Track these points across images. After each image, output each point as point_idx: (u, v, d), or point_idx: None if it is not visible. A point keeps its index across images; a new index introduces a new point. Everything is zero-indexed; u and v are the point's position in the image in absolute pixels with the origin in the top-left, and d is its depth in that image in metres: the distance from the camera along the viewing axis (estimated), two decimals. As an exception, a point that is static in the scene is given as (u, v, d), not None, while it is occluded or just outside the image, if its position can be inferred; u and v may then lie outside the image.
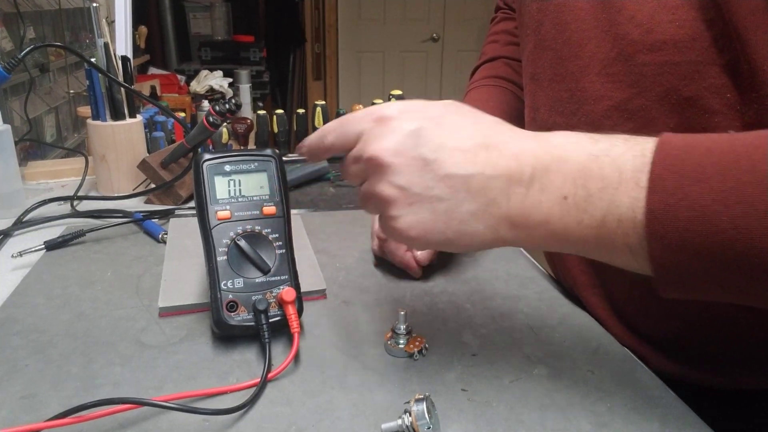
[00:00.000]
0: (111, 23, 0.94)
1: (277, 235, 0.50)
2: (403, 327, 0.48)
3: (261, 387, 0.43)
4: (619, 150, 0.35)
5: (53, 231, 0.72)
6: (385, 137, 0.38)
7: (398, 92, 1.05)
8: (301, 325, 0.48)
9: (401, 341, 0.48)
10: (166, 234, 0.69)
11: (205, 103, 2.19)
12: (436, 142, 0.37)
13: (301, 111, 1.07)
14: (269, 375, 0.44)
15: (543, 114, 0.55)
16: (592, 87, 0.48)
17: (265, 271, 0.49)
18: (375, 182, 0.39)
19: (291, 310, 0.47)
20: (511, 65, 0.74)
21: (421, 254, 0.60)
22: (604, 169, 0.34)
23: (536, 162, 0.36)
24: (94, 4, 0.86)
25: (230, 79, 2.67)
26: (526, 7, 0.56)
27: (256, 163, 0.51)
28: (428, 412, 0.38)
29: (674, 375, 0.49)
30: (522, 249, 0.70)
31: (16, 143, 0.81)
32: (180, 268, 0.60)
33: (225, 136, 1.01)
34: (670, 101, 0.44)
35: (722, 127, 0.42)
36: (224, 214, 0.49)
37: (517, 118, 0.64)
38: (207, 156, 0.50)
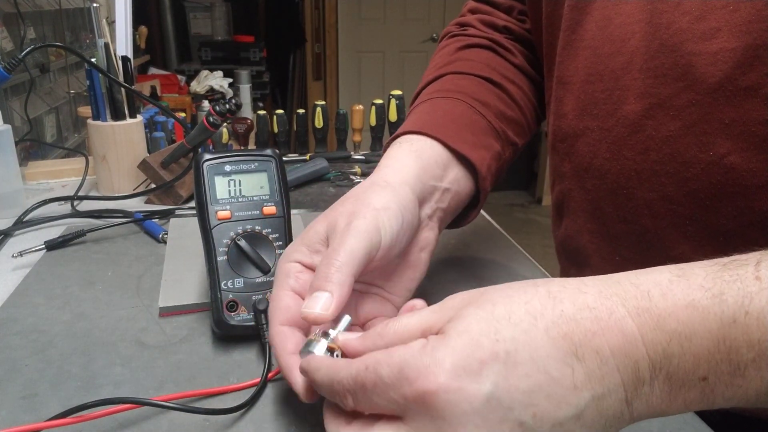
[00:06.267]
0: (111, 23, 0.94)
1: (277, 235, 0.50)
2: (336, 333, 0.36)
3: (261, 387, 0.43)
4: (761, 300, 0.26)
5: (53, 231, 0.72)
6: (451, 427, 0.27)
7: (398, 92, 1.05)
8: (301, 325, 0.48)
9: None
10: (167, 234, 0.69)
11: (206, 103, 2.20)
12: (521, 389, 0.27)
13: (301, 111, 1.07)
14: (269, 375, 0.44)
15: (570, 120, 0.52)
16: (634, 84, 0.45)
17: (265, 271, 0.49)
18: None
19: (291, 310, 0.47)
20: (461, 79, 0.59)
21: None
22: (752, 334, 0.27)
23: (651, 349, 0.28)
24: (95, 5, 0.86)
25: (230, 80, 2.67)
26: (553, 8, 0.54)
27: (256, 163, 0.51)
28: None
29: None
30: (521, 249, 0.70)
31: (16, 143, 0.81)
32: (180, 268, 0.60)
33: (225, 136, 1.01)
34: (725, 93, 0.40)
35: None
36: (224, 214, 0.49)
37: (481, 133, 0.54)
38: (207, 156, 0.50)
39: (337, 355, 0.34)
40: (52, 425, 0.38)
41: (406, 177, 0.46)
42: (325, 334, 0.35)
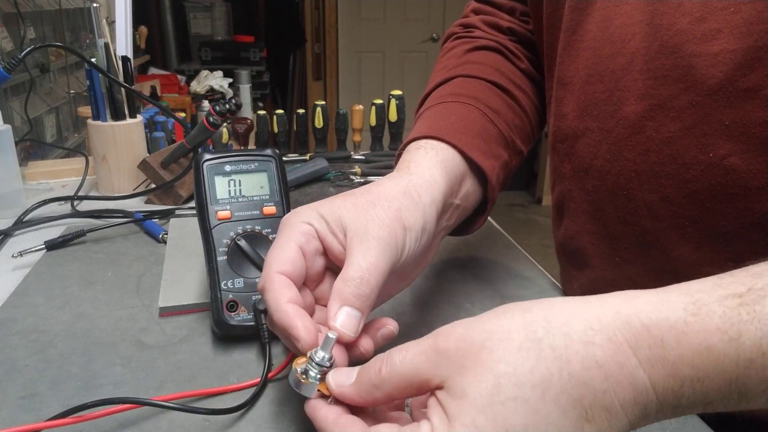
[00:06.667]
0: (111, 23, 0.94)
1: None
2: (323, 355, 0.35)
3: (261, 387, 0.43)
4: None
5: (53, 231, 0.72)
6: None
7: (398, 92, 1.05)
8: (301, 325, 0.48)
9: (314, 375, 0.35)
10: (167, 234, 0.69)
11: (206, 103, 2.20)
12: None
13: (301, 111, 1.07)
14: (269, 375, 0.44)
15: (570, 120, 0.52)
16: (634, 85, 0.46)
17: (265, 271, 0.49)
18: None
19: (291, 310, 0.47)
20: (472, 83, 0.59)
21: None
22: (767, 372, 0.27)
23: (661, 394, 0.28)
24: (95, 5, 0.86)
25: (230, 80, 2.68)
26: (554, 9, 0.54)
27: (256, 163, 0.51)
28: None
29: None
30: (522, 249, 0.70)
31: (16, 143, 0.81)
32: (180, 267, 0.60)
33: (225, 136, 1.01)
34: (726, 94, 0.40)
35: None
36: (224, 214, 0.50)
37: (492, 142, 0.54)
38: (207, 156, 0.50)
39: (330, 402, 0.34)
40: (52, 425, 0.38)
41: (437, 196, 0.45)
42: (311, 363, 0.35)
